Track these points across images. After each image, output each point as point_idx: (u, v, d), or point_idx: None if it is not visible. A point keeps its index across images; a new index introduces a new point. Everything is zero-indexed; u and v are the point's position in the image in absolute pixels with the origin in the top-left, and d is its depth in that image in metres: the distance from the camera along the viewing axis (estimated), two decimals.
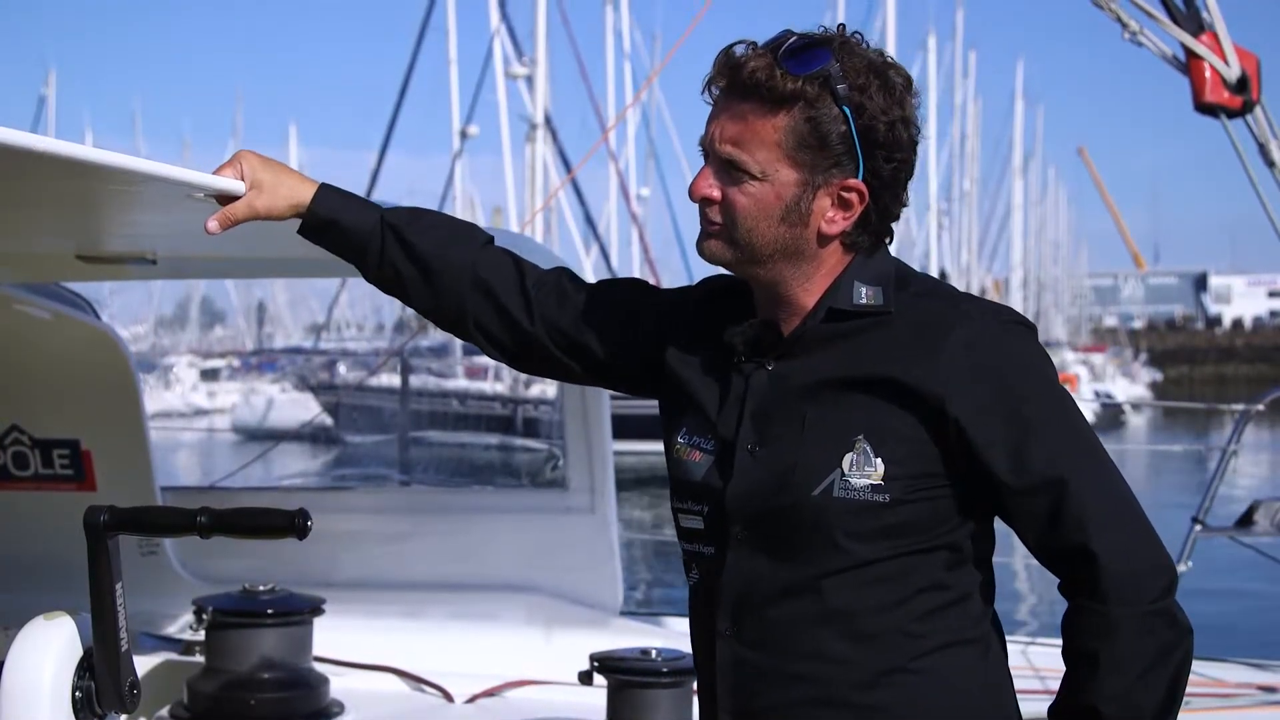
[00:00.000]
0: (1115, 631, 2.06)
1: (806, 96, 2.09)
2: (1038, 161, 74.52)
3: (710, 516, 2.22)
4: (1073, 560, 2.09)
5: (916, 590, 2.14)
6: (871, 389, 2.13)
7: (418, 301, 2.46)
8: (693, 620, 2.32)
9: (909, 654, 2.13)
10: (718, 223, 2.18)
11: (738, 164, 2.14)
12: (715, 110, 2.17)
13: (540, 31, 30.44)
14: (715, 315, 2.32)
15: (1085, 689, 2.09)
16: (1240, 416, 6.16)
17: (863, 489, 2.10)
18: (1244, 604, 12.46)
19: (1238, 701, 5.00)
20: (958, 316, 2.14)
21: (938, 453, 2.11)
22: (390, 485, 16.90)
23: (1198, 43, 5.54)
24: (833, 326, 2.19)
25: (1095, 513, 2.08)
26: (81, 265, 4.06)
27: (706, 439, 2.25)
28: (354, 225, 2.42)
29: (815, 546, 2.13)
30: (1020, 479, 2.09)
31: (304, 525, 2.47)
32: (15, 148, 2.14)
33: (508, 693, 4.61)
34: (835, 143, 2.11)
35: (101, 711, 2.53)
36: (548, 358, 2.44)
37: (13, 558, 4.87)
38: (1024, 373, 2.14)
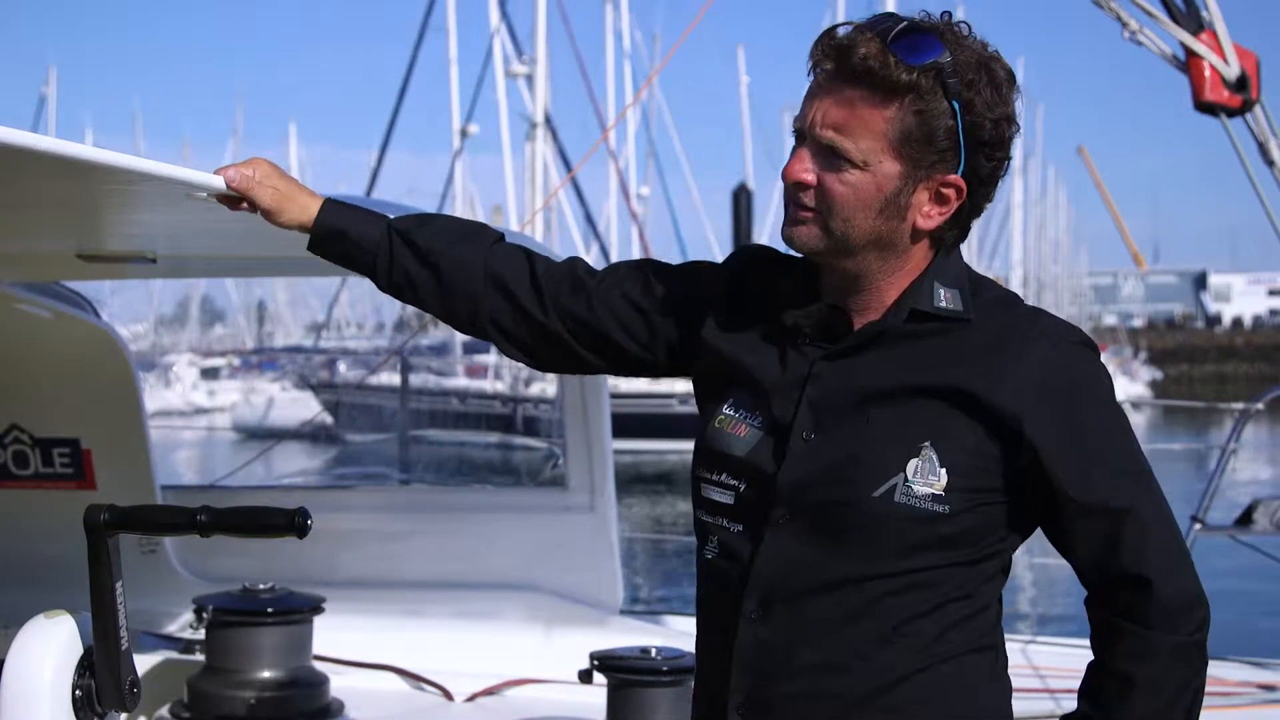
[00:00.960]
0: (1155, 657, 2.08)
1: (918, 88, 2.06)
2: (1038, 160, 74.63)
3: (747, 495, 2.19)
4: (1123, 585, 2.09)
5: (948, 599, 2.14)
6: (943, 397, 2.11)
7: (432, 304, 2.43)
8: (706, 600, 2.28)
9: (930, 658, 2.13)
10: (811, 209, 2.13)
11: (840, 150, 2.09)
12: (817, 92, 2.11)
13: (540, 30, 30.44)
14: (759, 288, 2.30)
15: (1114, 709, 2.10)
16: (1240, 415, 6.16)
17: (924, 497, 2.08)
18: (1243, 603, 12.45)
19: (1238, 700, 5.00)
20: (1036, 334, 2.13)
21: (1000, 468, 2.10)
22: (390, 484, 16.91)
23: (1197, 42, 5.55)
24: (911, 327, 2.16)
25: (1153, 542, 2.09)
26: (82, 264, 4.06)
27: (755, 416, 2.21)
28: (362, 234, 2.40)
29: (865, 547, 2.11)
30: (1086, 502, 2.09)
31: (304, 524, 2.47)
32: (16, 147, 2.14)
33: (507, 691, 4.61)
34: (941, 137, 2.09)
35: (102, 710, 2.53)
36: (568, 352, 2.41)
37: (13, 556, 4.87)
38: (1094, 398, 2.14)
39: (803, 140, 2.13)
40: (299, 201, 2.40)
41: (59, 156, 2.22)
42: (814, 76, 2.12)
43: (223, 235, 3.50)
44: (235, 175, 2.36)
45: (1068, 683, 4.91)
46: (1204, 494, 5.88)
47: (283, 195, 2.39)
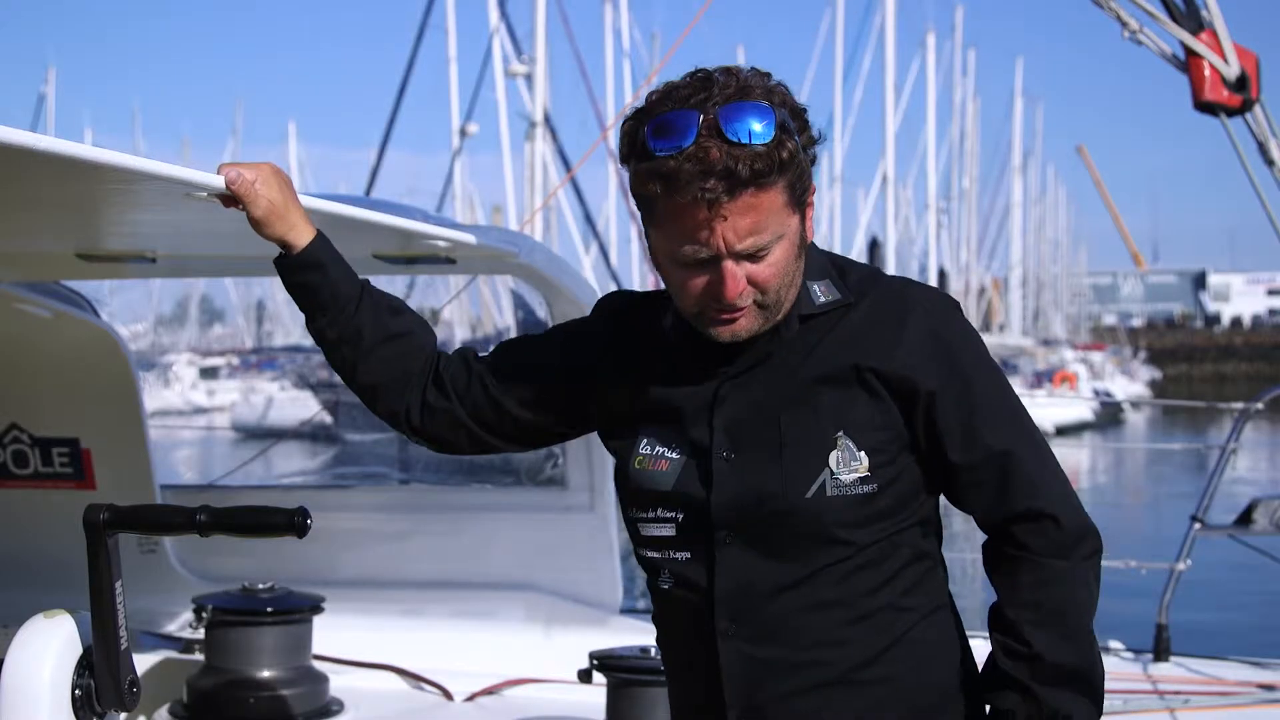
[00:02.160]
0: (1059, 582, 2.23)
1: (791, 156, 2.14)
2: (1037, 160, 74.62)
3: (686, 523, 2.29)
4: (1020, 521, 2.24)
5: (901, 566, 2.27)
6: (843, 383, 2.24)
7: (365, 371, 2.47)
8: (671, 625, 2.38)
9: (903, 626, 2.26)
10: (745, 304, 2.20)
11: (760, 248, 2.16)
12: (708, 219, 2.12)
13: (539, 30, 30.41)
14: (640, 330, 2.40)
15: (1031, 637, 2.21)
16: (1239, 415, 6.16)
17: (852, 483, 2.21)
18: (1243, 602, 12.46)
19: (1237, 700, 5.00)
20: (912, 304, 2.27)
21: (907, 431, 2.24)
22: (389, 483, 16.86)
23: (1197, 41, 5.54)
24: (800, 329, 2.28)
25: (1040, 479, 2.25)
26: (81, 264, 4.06)
27: (672, 447, 2.31)
28: (340, 277, 2.45)
29: (811, 543, 2.22)
30: (970, 453, 2.24)
31: (303, 523, 2.48)
32: (15, 147, 2.14)
33: (507, 691, 4.61)
34: (806, 174, 2.21)
35: (101, 710, 2.53)
36: (471, 435, 2.50)
37: (12, 556, 4.87)
38: (971, 353, 2.29)
39: (714, 261, 2.16)
40: (289, 220, 2.42)
41: (58, 156, 2.22)
42: (690, 205, 2.12)
43: (222, 235, 3.50)
44: (235, 178, 2.38)
45: None
46: (1204, 494, 5.88)
47: (275, 209, 2.41)
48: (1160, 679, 5.23)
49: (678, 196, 2.11)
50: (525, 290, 4.59)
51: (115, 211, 3.20)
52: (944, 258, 56.18)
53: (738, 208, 2.12)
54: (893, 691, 2.25)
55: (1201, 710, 4.91)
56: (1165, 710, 4.87)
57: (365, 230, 3.32)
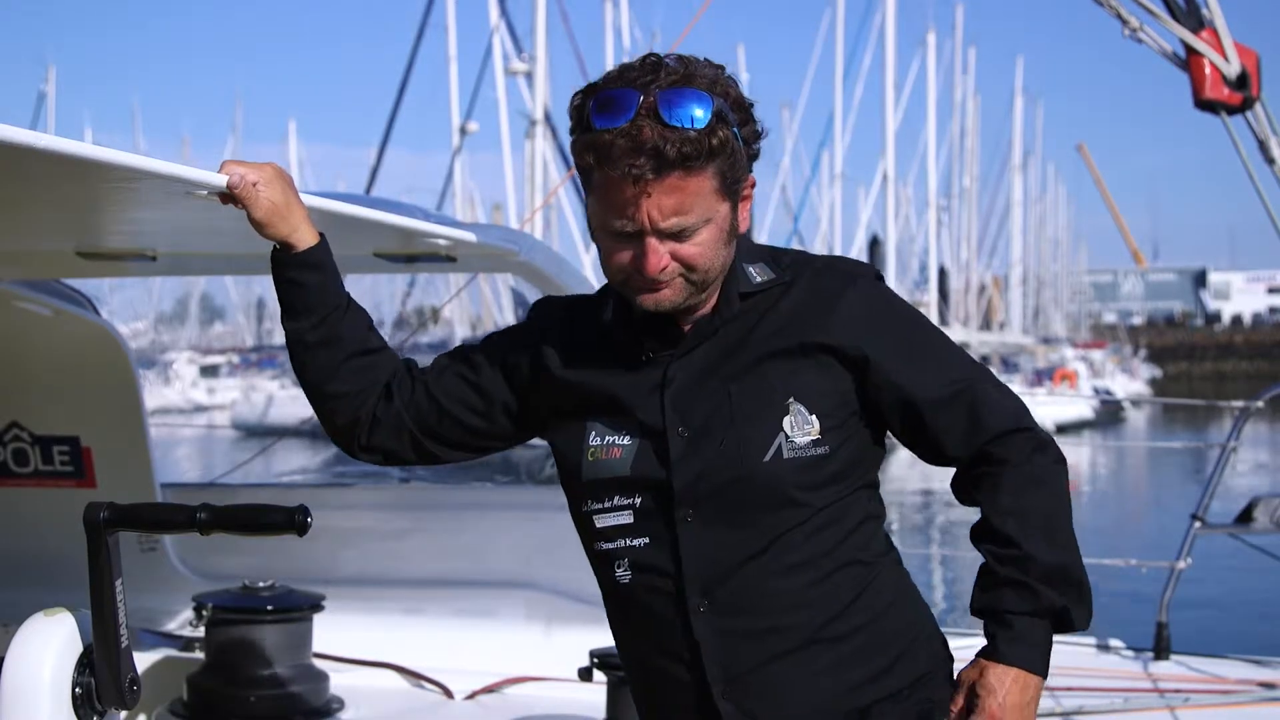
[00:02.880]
0: (1047, 482, 2.35)
1: (723, 143, 2.23)
2: (1037, 158, 74.61)
3: (645, 507, 2.35)
4: (993, 442, 2.34)
5: (857, 523, 2.37)
6: (790, 355, 2.33)
7: (335, 379, 2.50)
8: (634, 614, 2.41)
9: (865, 579, 2.35)
10: (671, 278, 2.29)
11: (685, 228, 2.25)
12: (636, 194, 2.21)
13: (540, 28, 30.42)
14: (579, 327, 2.47)
15: (1022, 540, 2.30)
16: (1240, 413, 6.15)
17: (806, 445, 2.30)
18: (1244, 601, 12.46)
19: (1238, 698, 5.00)
20: (843, 278, 2.38)
21: (855, 396, 2.34)
22: (390, 482, 16.85)
23: (1197, 39, 5.54)
24: (740, 306, 2.37)
25: (999, 401, 2.36)
26: (82, 262, 4.06)
27: (621, 434, 2.37)
28: (333, 283, 2.48)
29: (773, 508, 2.30)
30: (939, 396, 2.34)
31: (304, 522, 2.48)
32: (15, 145, 2.14)
33: (507, 689, 4.61)
34: (741, 164, 2.29)
35: (101, 708, 2.53)
36: (418, 446, 2.54)
37: (13, 554, 4.87)
38: (904, 315, 2.41)
39: (639, 235, 2.25)
40: (291, 222, 2.43)
41: (59, 154, 2.22)
42: (619, 180, 2.21)
43: (223, 233, 3.49)
44: (237, 180, 2.38)
45: (1066, 680, 4.92)
46: (1204, 492, 5.88)
47: (277, 210, 2.41)
48: (1160, 677, 5.22)
49: (609, 170, 2.21)
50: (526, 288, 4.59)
51: (115, 210, 3.20)
52: (944, 256, 56.20)
53: (664, 188, 2.21)
54: (867, 641, 2.34)
55: (1202, 709, 4.91)
56: (1166, 709, 4.87)
57: (366, 229, 3.32)
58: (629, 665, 2.50)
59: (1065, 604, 2.30)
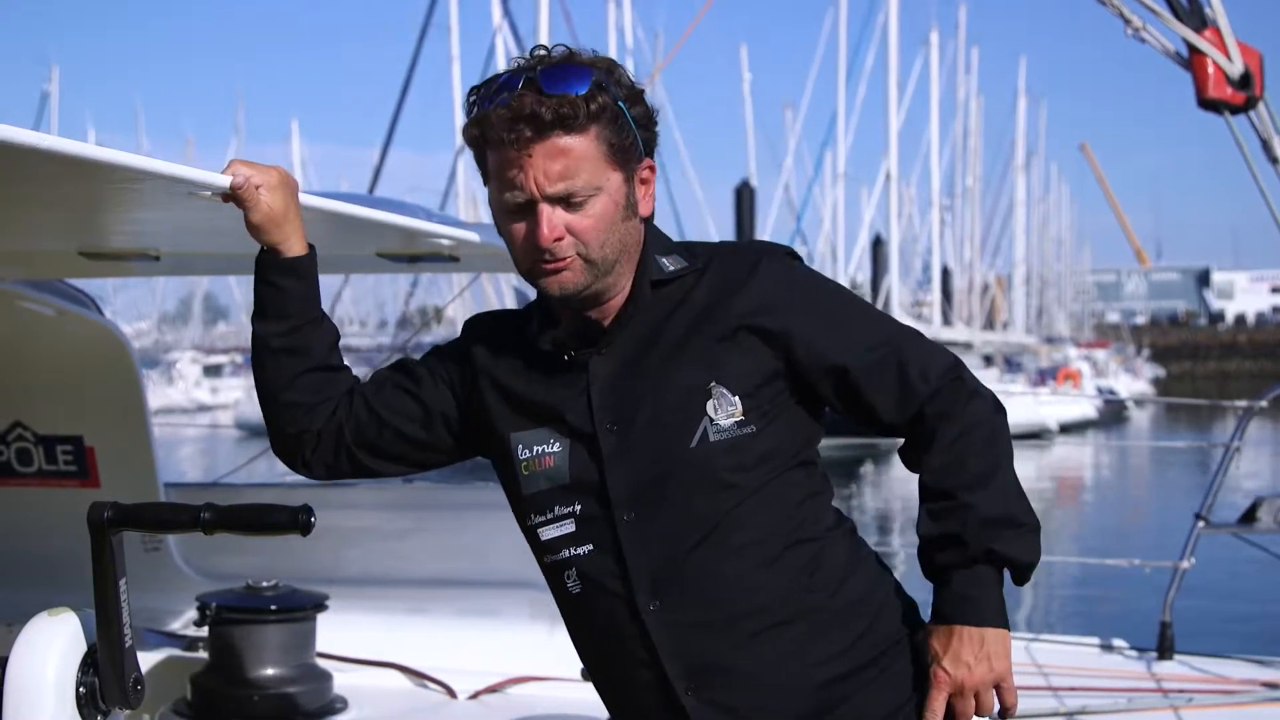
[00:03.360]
0: (983, 426, 2.34)
1: (601, 107, 2.27)
2: (1040, 158, 74.59)
3: (585, 512, 2.35)
4: (933, 399, 2.33)
5: (798, 502, 2.35)
6: (707, 337, 2.33)
7: (292, 388, 2.50)
8: (590, 623, 2.41)
9: (813, 555, 2.34)
10: (567, 255, 2.30)
11: (575, 192, 2.27)
12: (520, 159, 2.26)
13: (542, 28, 30.41)
14: (505, 342, 2.48)
15: (956, 490, 2.31)
16: (1243, 413, 6.15)
17: (730, 426, 2.30)
18: (1247, 601, 12.45)
19: (1241, 698, 5.00)
20: (755, 257, 2.39)
21: (779, 372, 2.34)
22: (393, 482, 16.93)
23: (1200, 39, 5.53)
24: (654, 296, 2.38)
25: (933, 357, 2.37)
26: (85, 261, 4.06)
27: (551, 442, 2.38)
28: (313, 294, 2.49)
29: (706, 494, 2.30)
30: (866, 359, 2.34)
31: (307, 521, 2.47)
32: (18, 145, 2.14)
33: (511, 689, 4.61)
34: (627, 135, 2.32)
35: (105, 708, 2.53)
36: (354, 460, 2.55)
37: (16, 554, 4.87)
38: (821, 284, 2.42)
39: (531, 207, 2.28)
40: (284, 230, 2.44)
41: (62, 155, 2.22)
42: (503, 149, 2.27)
43: (226, 233, 3.49)
44: (241, 181, 2.39)
45: (1070, 680, 4.93)
46: (1208, 492, 5.88)
47: (273, 216, 2.42)
48: (1164, 677, 5.23)
49: (493, 142, 2.27)
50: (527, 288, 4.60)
51: (119, 210, 3.20)
52: (947, 255, 56.16)
53: (546, 150, 2.25)
54: (828, 617, 2.33)
55: (1205, 709, 4.91)
56: (1169, 709, 4.87)
57: (369, 229, 3.32)
58: (593, 673, 2.49)
59: (1002, 548, 2.29)
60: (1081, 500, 24.86)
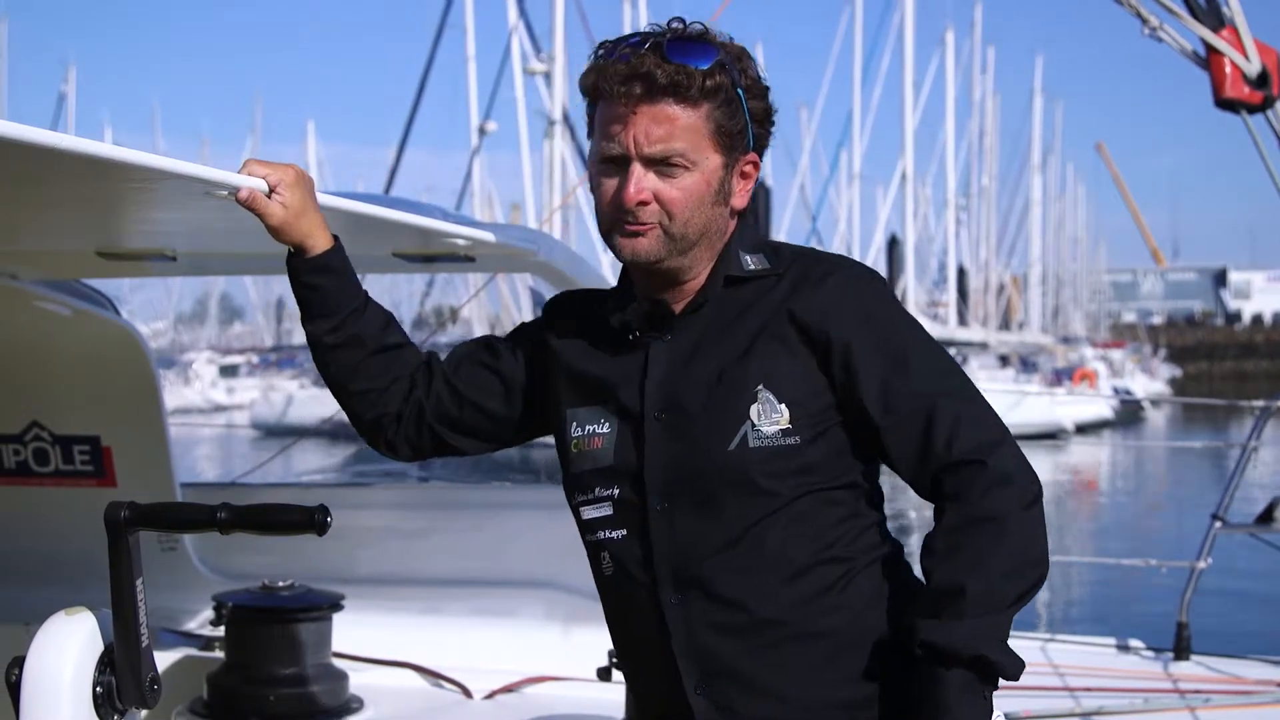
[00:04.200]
0: (1000, 519, 2.16)
1: (719, 87, 2.27)
2: (1056, 157, 74.41)
3: (622, 498, 2.34)
4: (949, 472, 2.20)
5: (835, 522, 2.30)
6: (766, 341, 2.30)
7: (360, 376, 2.52)
8: (619, 606, 2.42)
9: (842, 576, 2.29)
10: (649, 222, 2.29)
11: (671, 159, 2.27)
12: (627, 116, 2.27)
13: (558, 28, 30.43)
14: (581, 320, 2.48)
15: (932, 570, 2.17)
16: (1261, 413, 6.14)
17: (774, 435, 2.25)
18: (1264, 601, 12.42)
19: (1258, 698, 4.99)
20: (830, 268, 2.35)
21: (831, 392, 2.28)
22: (409, 481, 16.92)
23: (1218, 38, 5.52)
24: (728, 292, 2.36)
25: (967, 427, 2.22)
26: (102, 262, 4.07)
27: (601, 422, 2.38)
28: (351, 285, 2.50)
29: (740, 498, 2.26)
30: (892, 406, 2.25)
31: (323, 521, 2.48)
32: (36, 145, 2.15)
33: (526, 689, 4.61)
34: (740, 124, 2.31)
35: (122, 707, 2.54)
36: (436, 438, 2.57)
37: (34, 553, 4.88)
38: (890, 311, 2.33)
39: (624, 163, 2.28)
40: (304, 227, 2.44)
41: (79, 155, 2.23)
42: (612, 103, 2.28)
43: (242, 233, 3.49)
44: (246, 195, 2.40)
45: (1086, 680, 4.92)
46: (1224, 492, 5.87)
47: (291, 215, 2.43)
48: (1181, 678, 5.22)
49: (604, 93, 2.28)
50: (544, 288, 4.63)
51: (135, 210, 3.21)
52: (963, 255, 56.05)
53: (653, 113, 2.25)
54: (845, 639, 2.28)
55: (1222, 709, 4.90)
56: (1186, 709, 4.86)
57: (385, 229, 3.32)
58: (618, 655, 2.52)
59: (931, 637, 2.13)
60: (1098, 500, 24.82)
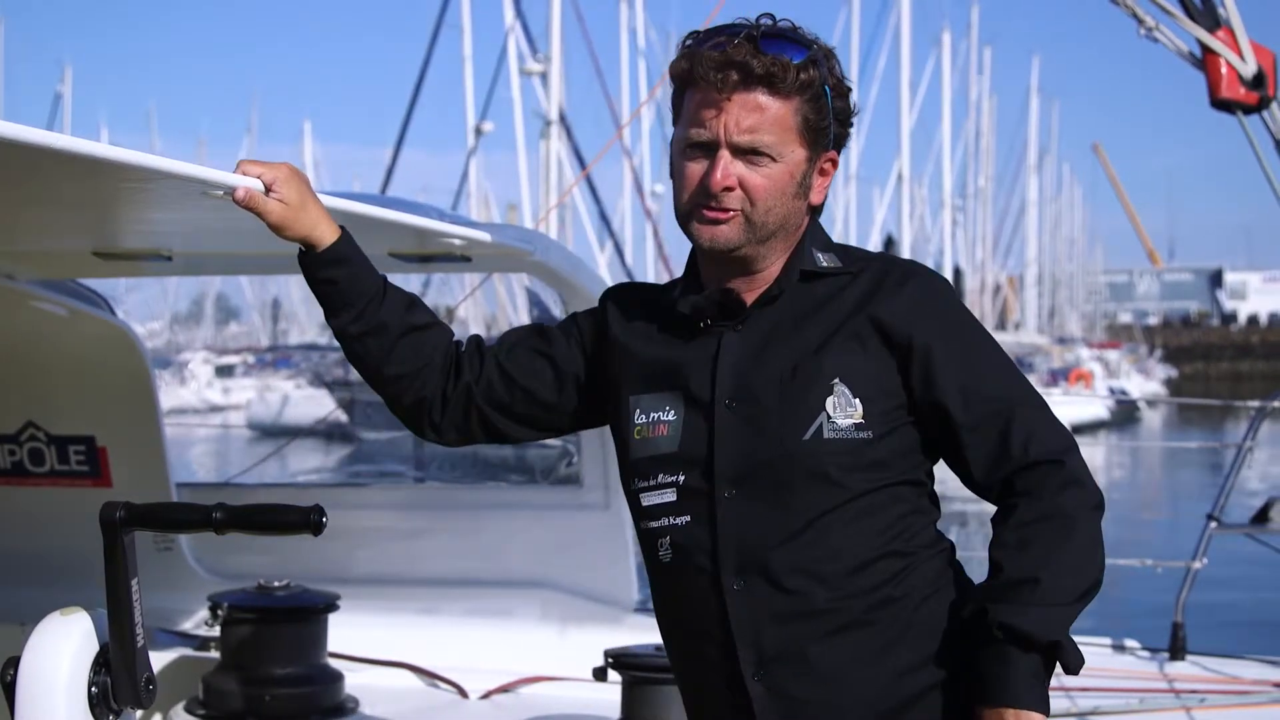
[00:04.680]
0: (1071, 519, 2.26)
1: (809, 82, 2.31)
2: (1053, 158, 74.40)
3: (688, 484, 2.35)
4: (1024, 471, 2.28)
5: (899, 515, 2.34)
6: (842, 337, 2.33)
7: (391, 362, 2.51)
8: (674, 593, 2.42)
9: (904, 569, 2.32)
10: (733, 209, 2.32)
11: (759, 148, 2.29)
12: (719, 103, 2.30)
13: (555, 28, 30.40)
14: (639, 309, 2.50)
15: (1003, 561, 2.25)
16: (1256, 413, 6.14)
17: (848, 428, 2.29)
18: (1260, 601, 12.43)
19: (1254, 698, 4.99)
20: (907, 270, 2.40)
21: (901, 387, 2.33)
22: (405, 482, 16.91)
23: (1214, 39, 5.52)
24: (802, 286, 2.39)
25: (1043, 431, 2.31)
26: (98, 261, 4.07)
27: (666, 410, 2.39)
28: (364, 273, 2.48)
29: (811, 488, 2.29)
30: (970, 411, 2.31)
31: (319, 521, 2.48)
32: (32, 145, 2.15)
33: (522, 689, 4.61)
34: (825, 121, 2.35)
35: (117, 707, 2.54)
36: (485, 422, 2.56)
37: (29, 554, 4.88)
38: (966, 317, 2.40)
39: (712, 149, 2.31)
40: (306, 221, 2.44)
41: (75, 155, 2.23)
42: (705, 89, 2.31)
43: (238, 233, 3.50)
44: (243, 194, 2.39)
45: (1081, 680, 4.91)
46: (1220, 492, 5.87)
47: (290, 210, 2.42)
48: (1176, 678, 5.21)
49: (697, 79, 2.30)
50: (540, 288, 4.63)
51: (131, 210, 3.21)
52: (959, 256, 56.07)
53: (745, 101, 2.29)
54: (903, 630, 2.31)
55: (1218, 709, 4.90)
56: (1181, 709, 4.86)
57: (381, 229, 3.32)
58: (668, 646, 2.51)
59: (1011, 619, 2.21)
60: None
